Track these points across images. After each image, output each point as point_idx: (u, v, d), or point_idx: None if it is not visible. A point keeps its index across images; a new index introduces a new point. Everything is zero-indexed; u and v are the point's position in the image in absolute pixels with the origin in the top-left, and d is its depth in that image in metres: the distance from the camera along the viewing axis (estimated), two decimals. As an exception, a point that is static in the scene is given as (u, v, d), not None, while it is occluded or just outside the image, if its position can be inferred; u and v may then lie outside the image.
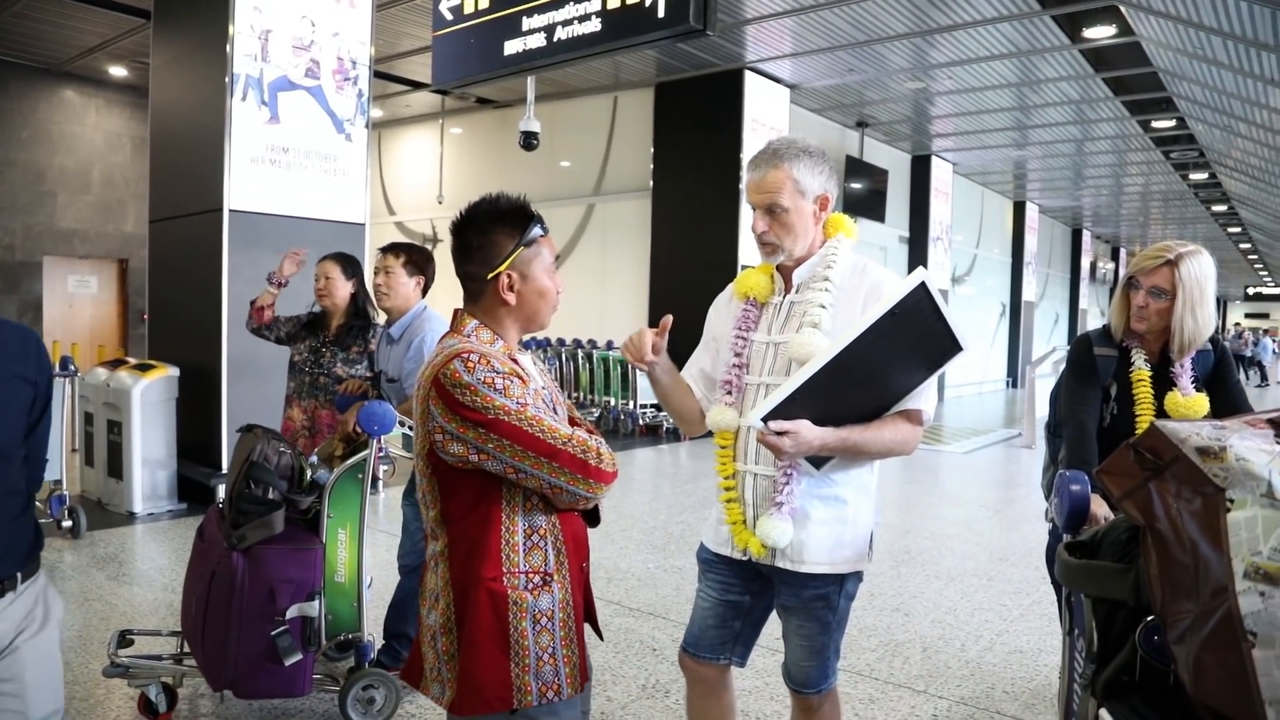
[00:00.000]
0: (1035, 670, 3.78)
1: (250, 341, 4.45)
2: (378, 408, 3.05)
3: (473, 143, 13.94)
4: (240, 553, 2.84)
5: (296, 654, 2.85)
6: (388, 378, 3.45)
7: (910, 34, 9.07)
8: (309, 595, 2.93)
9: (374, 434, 3.05)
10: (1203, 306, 2.46)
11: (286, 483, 2.98)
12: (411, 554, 3.44)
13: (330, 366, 3.86)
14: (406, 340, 3.38)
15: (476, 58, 6.21)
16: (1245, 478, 1.36)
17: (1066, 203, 20.20)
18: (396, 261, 3.44)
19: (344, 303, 3.90)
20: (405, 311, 3.45)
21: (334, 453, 3.21)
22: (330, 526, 3.04)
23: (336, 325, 3.91)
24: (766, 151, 2.09)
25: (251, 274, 5.78)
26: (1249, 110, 10.54)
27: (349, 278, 3.89)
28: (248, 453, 2.96)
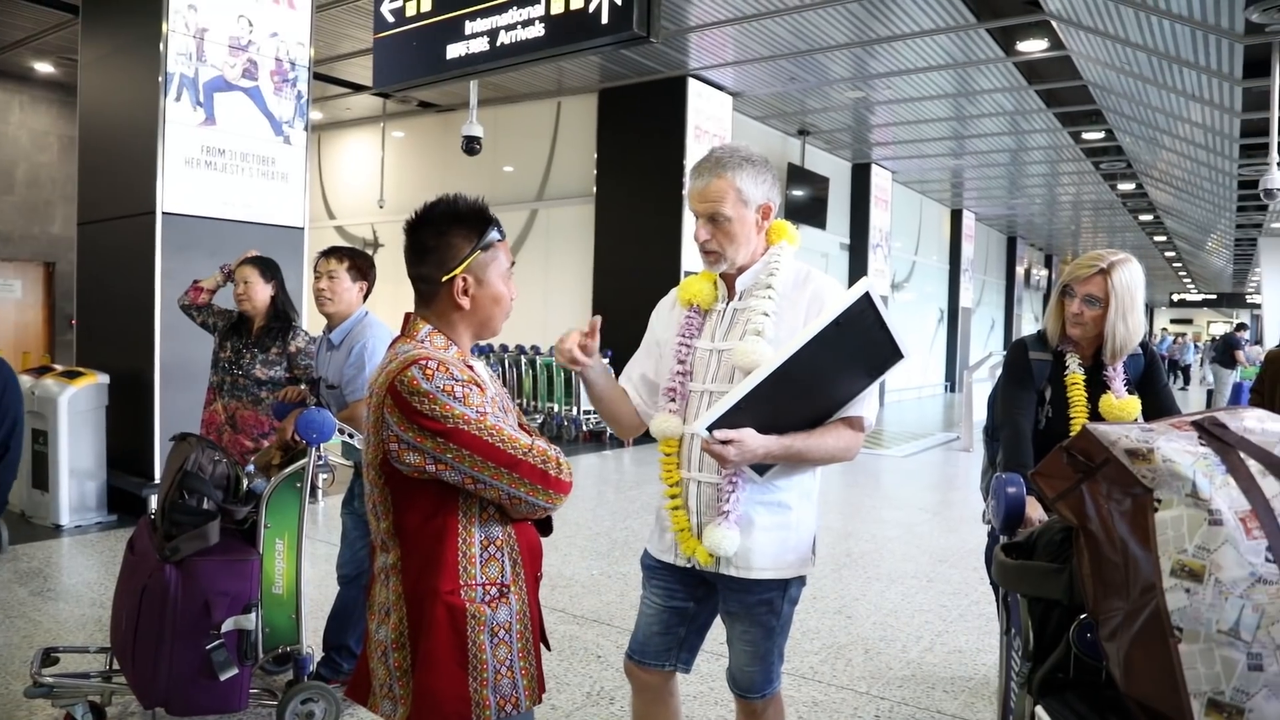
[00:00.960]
0: (974, 669, 3.85)
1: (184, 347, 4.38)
2: (316, 415, 2.99)
3: (415, 147, 13.80)
4: (173, 565, 2.76)
5: (232, 668, 2.78)
6: (327, 384, 3.39)
7: (850, 44, 9.20)
8: (245, 608, 2.86)
9: (313, 442, 2.99)
10: (1133, 313, 2.55)
11: (222, 492, 2.92)
12: (351, 563, 3.39)
13: (250, 368, 3.86)
14: (348, 346, 3.32)
15: (418, 61, 6.15)
16: (1171, 478, 1.40)
17: (1002, 211, 20.66)
18: (340, 266, 3.39)
19: (264, 306, 3.90)
20: (347, 317, 3.40)
21: (271, 461, 3.14)
22: (268, 537, 2.97)
23: (257, 328, 3.92)
24: (709, 160, 2.08)
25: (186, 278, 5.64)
26: (1173, 124, 10.90)
27: (267, 281, 3.90)
28: (181, 462, 2.88)
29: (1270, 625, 1.25)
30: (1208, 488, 1.37)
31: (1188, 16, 7.29)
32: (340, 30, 9.51)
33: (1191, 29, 7.53)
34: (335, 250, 3.46)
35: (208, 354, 4.12)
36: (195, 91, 6.06)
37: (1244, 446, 1.45)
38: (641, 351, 2.29)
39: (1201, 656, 1.27)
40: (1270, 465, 1.42)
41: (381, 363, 1.72)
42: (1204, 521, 1.34)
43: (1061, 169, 15.31)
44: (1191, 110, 10.04)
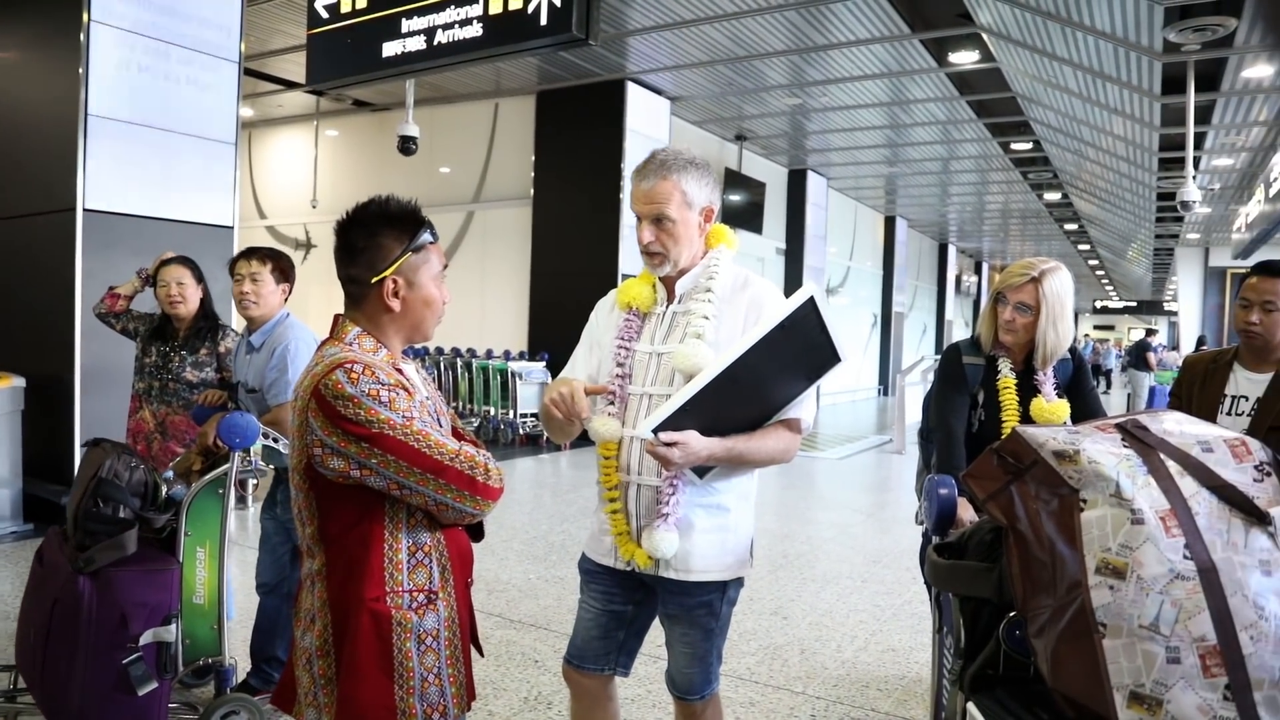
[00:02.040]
0: (907, 667, 3.92)
1: (108, 350, 4.25)
2: (239, 419, 2.92)
3: (349, 146, 13.59)
4: (87, 576, 2.64)
5: (151, 683, 2.67)
6: (248, 388, 3.29)
7: (787, 51, 9.32)
8: (165, 619, 2.75)
9: (235, 447, 2.91)
10: (1063, 320, 2.63)
11: (139, 500, 2.81)
12: (270, 570, 3.32)
13: (180, 371, 3.76)
14: (269, 349, 3.23)
15: (353, 58, 6.06)
16: (1096, 479, 1.44)
17: (933, 218, 21.11)
18: (264, 268, 3.29)
19: (196, 307, 3.81)
20: (269, 319, 3.32)
21: (192, 467, 3.05)
22: (188, 545, 2.87)
23: (185, 330, 3.81)
24: (654, 162, 2.08)
25: (109, 278, 5.46)
26: (1096, 136, 11.26)
27: (199, 282, 3.82)
28: (96, 469, 2.77)
29: (1187, 620, 1.30)
30: (1130, 488, 1.41)
31: (1110, 34, 7.54)
32: (272, 25, 9.32)
33: (1114, 46, 7.79)
34: (256, 251, 3.35)
35: (129, 357, 3.99)
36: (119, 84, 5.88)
37: (1164, 448, 1.50)
38: (580, 356, 2.26)
39: (1124, 651, 1.30)
40: (1188, 466, 1.47)
41: (308, 365, 1.69)
42: (1127, 521, 1.38)
43: (991, 178, 15.70)
44: (1114, 124, 10.38)
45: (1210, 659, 1.27)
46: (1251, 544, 1.37)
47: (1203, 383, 2.90)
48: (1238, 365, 2.85)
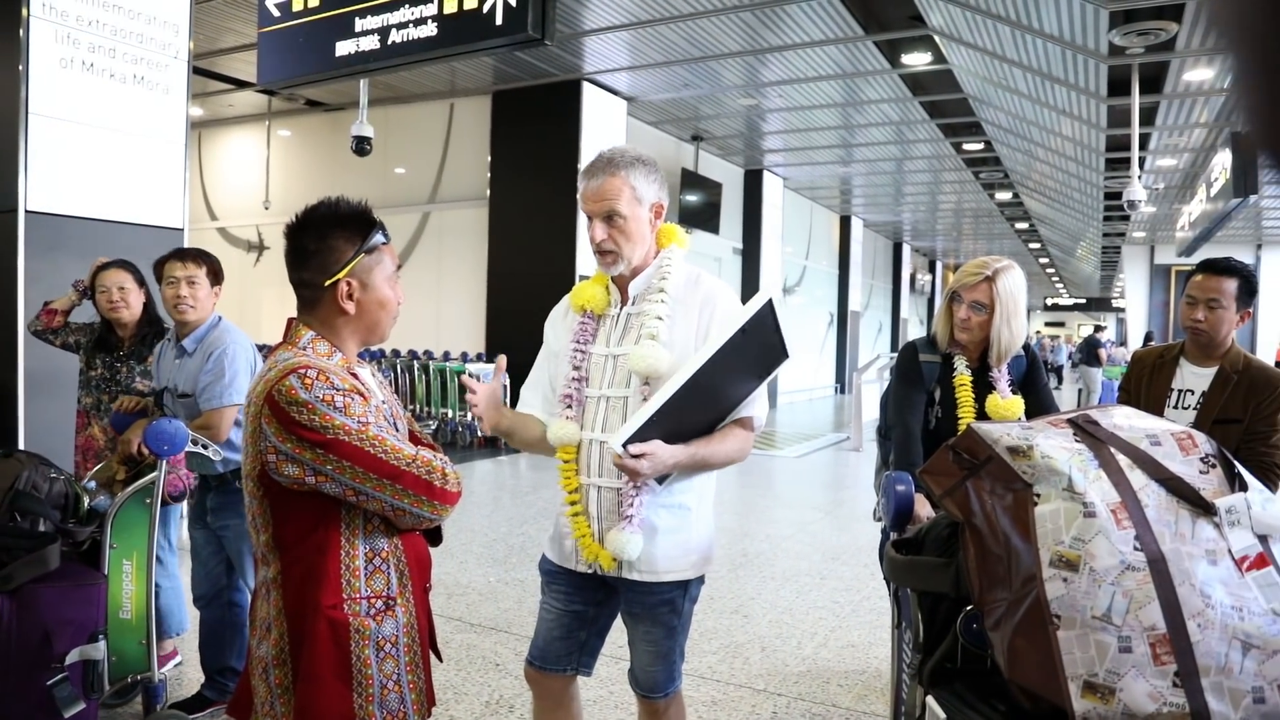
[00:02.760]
0: (867, 663, 3.96)
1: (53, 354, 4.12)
2: (168, 425, 2.81)
3: (302, 146, 13.42)
4: (7, 594, 2.51)
5: (78, 703, 2.57)
6: (179, 393, 3.18)
7: (743, 52, 9.37)
8: (91, 636, 2.64)
9: (163, 454, 2.82)
10: (1017, 317, 2.68)
11: (59, 512, 2.70)
12: (205, 582, 3.26)
13: (129, 381, 3.62)
14: (205, 353, 3.14)
15: (306, 57, 5.98)
16: (1049, 474, 1.47)
17: (888, 218, 21.35)
18: (200, 271, 3.19)
19: (139, 313, 3.68)
20: (203, 323, 3.22)
21: (115, 476, 2.94)
22: (114, 558, 2.77)
23: (130, 338, 3.67)
24: (601, 160, 2.09)
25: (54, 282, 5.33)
26: (1046, 137, 11.47)
27: (141, 286, 3.68)
28: (11, 481, 2.65)
29: (1138, 610, 1.33)
30: (1082, 482, 1.44)
31: (1058, 37, 7.68)
32: (222, 23, 9.17)
33: (1061, 48, 7.94)
34: (190, 254, 3.25)
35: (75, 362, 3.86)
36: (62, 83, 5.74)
37: (1114, 442, 1.53)
38: (539, 369, 2.26)
39: (1078, 641, 1.33)
40: (1137, 459, 1.50)
41: (260, 371, 1.67)
42: (1079, 514, 1.41)
43: (944, 178, 15.92)
44: (1062, 125, 10.58)
45: (1160, 647, 1.30)
46: (1198, 534, 1.40)
47: (1150, 377, 2.97)
48: (1184, 360, 2.92)
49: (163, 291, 3.21)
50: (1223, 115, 9.80)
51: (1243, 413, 2.73)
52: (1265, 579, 1.38)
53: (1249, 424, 2.71)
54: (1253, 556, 1.39)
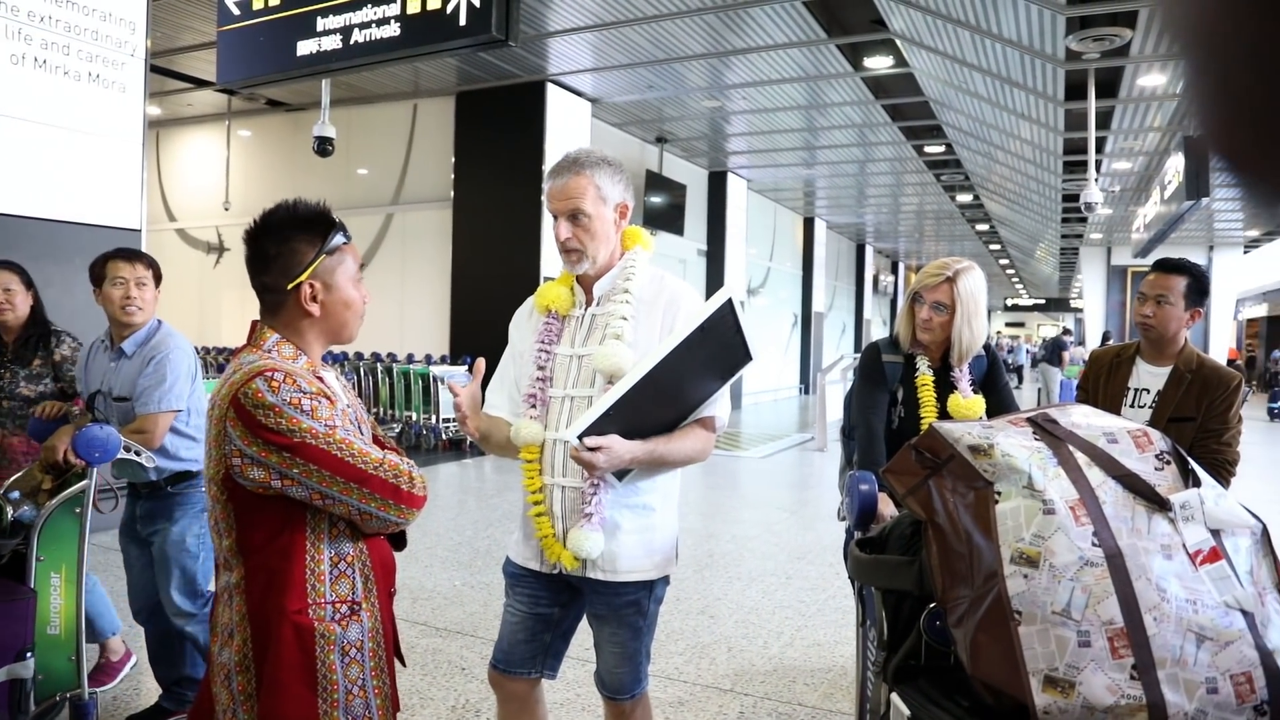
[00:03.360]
0: (833, 661, 3.99)
1: None
2: (99, 432, 2.71)
3: (263, 146, 13.26)
4: None
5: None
6: (115, 396, 3.07)
7: (707, 54, 9.40)
8: (19, 654, 2.54)
9: (94, 461, 2.72)
10: (977, 318, 2.71)
11: None
12: (141, 595, 3.18)
13: (13, 387, 3.45)
14: (145, 357, 3.04)
15: (266, 57, 5.91)
16: (1010, 472, 1.49)
17: (851, 219, 21.53)
18: (148, 273, 3.10)
19: (25, 315, 3.52)
20: (144, 325, 3.13)
21: (40, 486, 2.82)
22: (40, 571, 2.65)
23: (13, 341, 3.51)
24: (566, 160, 2.11)
25: (7, 283, 5.23)
26: (1005, 140, 11.63)
27: (29, 287, 3.55)
28: None
29: (1096, 604, 1.35)
30: (1042, 479, 1.46)
31: (1016, 41, 7.80)
32: (180, 21, 9.04)
33: (1020, 53, 8.06)
34: (137, 255, 3.13)
35: None
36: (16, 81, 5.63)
37: (1072, 440, 1.56)
38: (504, 369, 2.26)
39: (1038, 636, 1.35)
40: (1095, 457, 1.53)
41: (225, 374, 1.66)
42: (1039, 511, 1.43)
43: (906, 180, 16.09)
44: (1021, 128, 10.74)
45: (1118, 641, 1.33)
46: (1154, 529, 1.43)
47: (1108, 376, 3.03)
48: (1140, 360, 2.98)
49: (105, 291, 3.06)
50: (1175, 120, 10.01)
51: (1196, 411, 2.79)
52: (1218, 572, 1.41)
53: (1202, 422, 2.77)
54: (1206, 551, 1.43)
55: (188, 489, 3.13)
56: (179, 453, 3.11)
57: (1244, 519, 1.49)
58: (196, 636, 3.12)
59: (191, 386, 3.13)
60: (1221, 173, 9.35)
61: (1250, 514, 1.51)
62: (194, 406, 3.13)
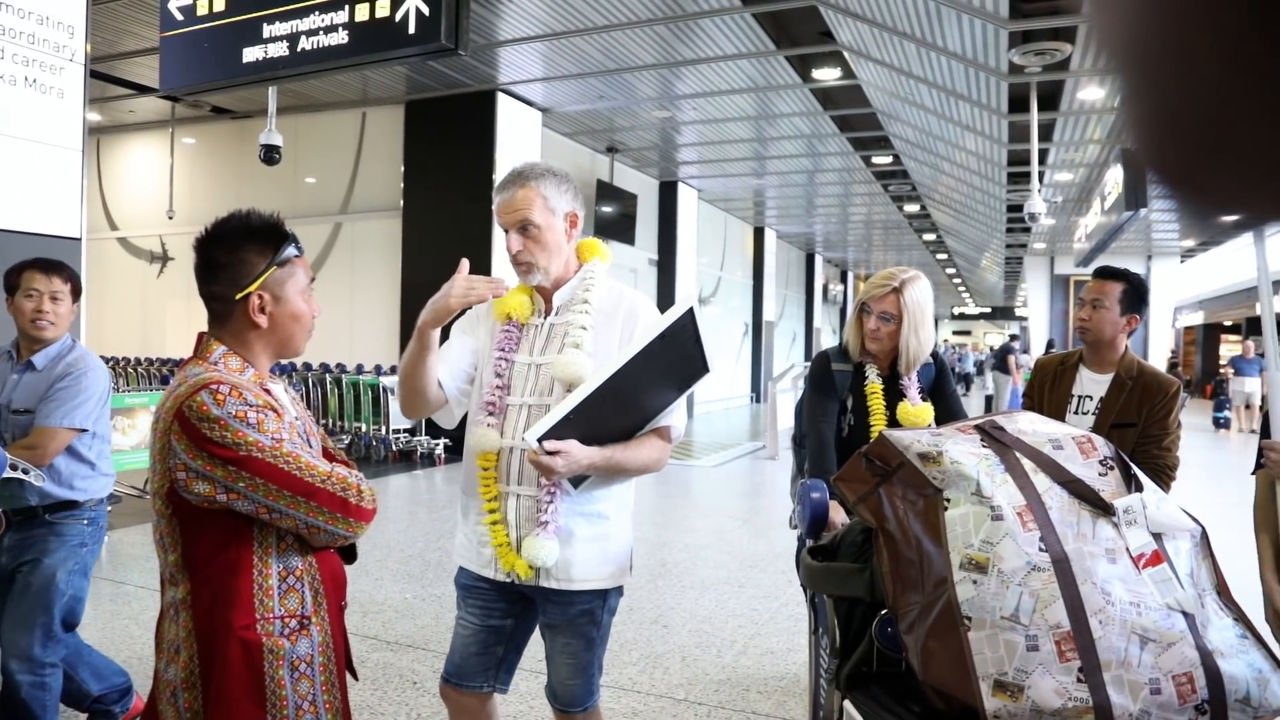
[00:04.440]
0: (786, 669, 4.00)
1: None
2: None
3: (208, 154, 13.02)
4: None
5: None
6: (12, 409, 2.90)
7: (657, 65, 9.44)
8: None
9: None
10: (924, 327, 2.75)
11: None
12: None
13: None
14: (60, 372, 2.89)
15: (211, 64, 5.81)
16: (959, 478, 1.51)
17: (801, 229, 21.74)
18: (66, 287, 2.95)
19: None
20: (57, 341, 2.97)
21: None
22: None
23: None
24: (513, 173, 2.13)
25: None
26: (951, 151, 11.84)
27: None
28: None
29: (1044, 609, 1.37)
30: (989, 486, 1.49)
31: (961, 54, 7.95)
32: (121, 25, 8.85)
33: (964, 65, 8.22)
34: (55, 266, 2.97)
35: None
36: (-52, 87, 5.47)
37: (1019, 447, 1.59)
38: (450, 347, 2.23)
39: (988, 642, 1.37)
40: (1040, 463, 1.56)
41: (170, 386, 1.63)
42: (987, 517, 1.45)
43: (854, 190, 16.29)
44: (966, 139, 10.94)
45: (1065, 644, 1.35)
46: (1099, 534, 1.46)
47: (1053, 383, 3.09)
48: (1083, 367, 3.04)
49: (16, 302, 2.91)
50: (1114, 133, 10.27)
51: (1137, 417, 2.85)
52: (1160, 575, 1.44)
53: (1143, 427, 2.84)
54: (1148, 554, 1.46)
55: (66, 519, 2.91)
56: (73, 480, 2.91)
57: (1184, 523, 1.53)
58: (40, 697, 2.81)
59: (100, 411, 2.95)
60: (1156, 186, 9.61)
61: (1190, 517, 1.55)
62: (101, 432, 2.98)
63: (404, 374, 2.14)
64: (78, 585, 2.93)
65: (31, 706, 2.81)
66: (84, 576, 2.97)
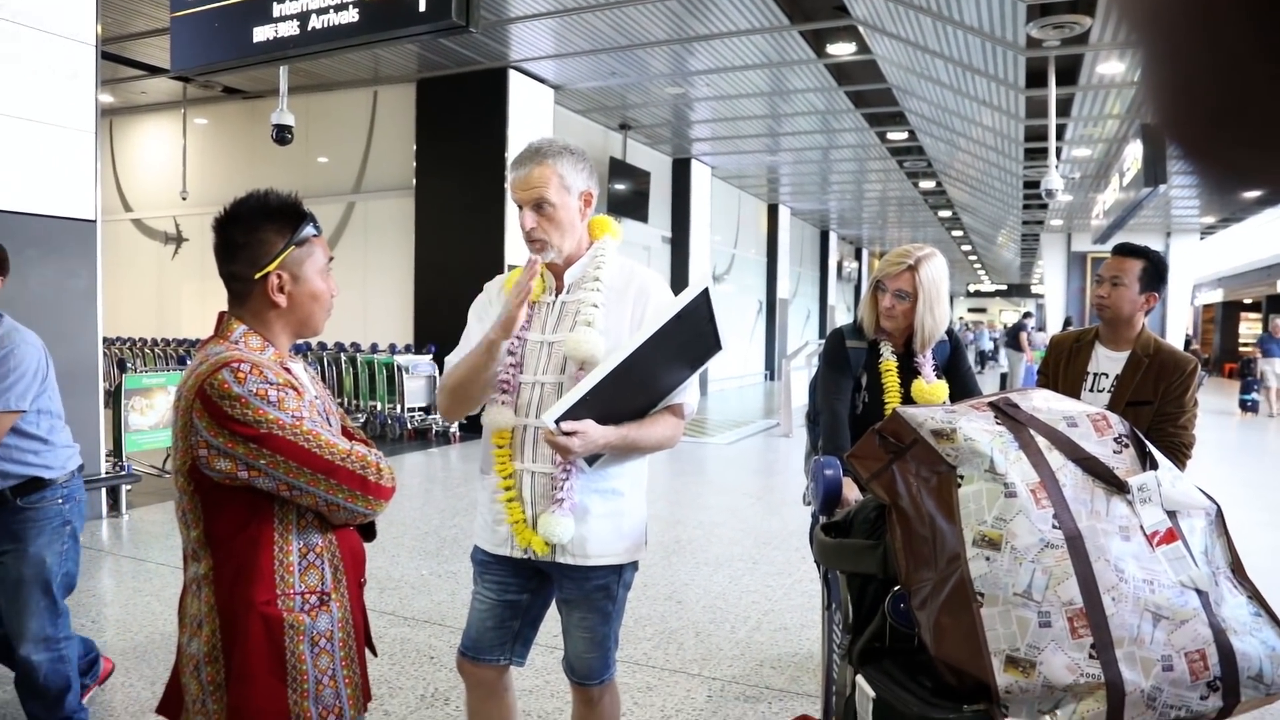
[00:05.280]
0: (799, 645, 4.02)
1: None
2: None
3: (220, 135, 13.04)
4: None
5: None
6: None
7: (670, 41, 9.38)
8: None
9: None
10: (939, 304, 2.74)
11: None
12: None
13: None
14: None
15: (222, 44, 5.80)
16: (972, 455, 1.51)
17: (815, 206, 21.62)
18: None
19: None
20: None
21: None
22: None
23: None
24: (529, 150, 2.12)
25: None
26: (967, 127, 11.73)
27: None
28: None
29: (1056, 585, 1.37)
30: (1003, 463, 1.48)
31: (978, 28, 7.86)
32: (132, 6, 8.86)
33: (981, 40, 8.12)
34: None
35: None
36: (-37, 68, 5.48)
37: (1033, 424, 1.58)
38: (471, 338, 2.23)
39: (1000, 618, 1.37)
40: (1055, 440, 1.55)
41: (191, 364, 1.65)
42: (1001, 494, 1.45)
43: (869, 167, 16.18)
44: (983, 115, 10.83)
45: (1077, 621, 1.35)
46: (1112, 512, 1.46)
47: (1068, 361, 3.07)
48: (1099, 344, 3.02)
49: None
50: (1134, 107, 10.15)
51: (1153, 395, 2.84)
52: (1174, 553, 1.44)
53: (1159, 406, 2.82)
54: (1162, 532, 1.45)
55: (40, 502, 2.83)
56: (25, 457, 2.81)
57: (1199, 501, 1.52)
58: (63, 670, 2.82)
59: (40, 386, 2.83)
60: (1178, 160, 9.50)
61: (1206, 496, 1.54)
62: (46, 408, 2.87)
63: (462, 383, 2.13)
64: (70, 561, 2.89)
65: (56, 682, 2.83)
66: (76, 549, 2.91)
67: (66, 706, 2.87)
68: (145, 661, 3.70)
